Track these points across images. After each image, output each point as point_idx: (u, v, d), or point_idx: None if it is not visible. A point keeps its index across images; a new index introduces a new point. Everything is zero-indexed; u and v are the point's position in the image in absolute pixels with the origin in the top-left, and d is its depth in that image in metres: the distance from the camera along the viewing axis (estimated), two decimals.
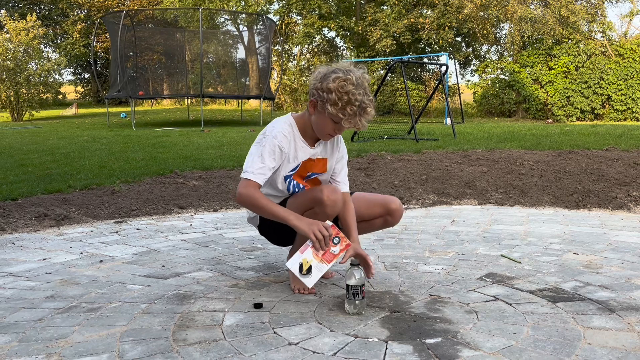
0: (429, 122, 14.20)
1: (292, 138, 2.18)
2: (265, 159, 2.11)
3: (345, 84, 2.01)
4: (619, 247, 2.95)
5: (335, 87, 2.01)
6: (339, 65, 2.10)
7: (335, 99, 2.02)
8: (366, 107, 2.05)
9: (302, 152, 2.21)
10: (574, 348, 1.72)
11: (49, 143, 8.29)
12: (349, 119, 2.05)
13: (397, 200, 2.37)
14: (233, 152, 6.74)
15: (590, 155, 5.59)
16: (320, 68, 2.13)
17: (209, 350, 1.72)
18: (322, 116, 2.10)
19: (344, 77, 2.02)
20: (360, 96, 2.02)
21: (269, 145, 2.12)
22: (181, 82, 17.50)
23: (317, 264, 2.01)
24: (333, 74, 2.05)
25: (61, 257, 2.80)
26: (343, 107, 2.02)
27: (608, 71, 16.38)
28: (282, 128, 2.17)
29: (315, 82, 2.09)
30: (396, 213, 2.35)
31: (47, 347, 1.75)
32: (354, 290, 2.00)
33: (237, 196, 2.10)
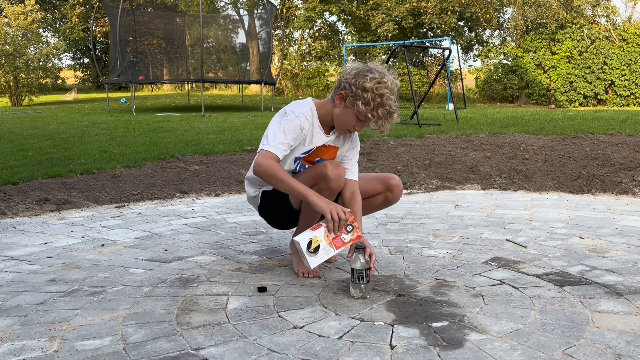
0: (431, 108, 14.12)
1: (311, 122, 2.16)
2: (287, 135, 2.08)
3: (381, 86, 2.03)
4: (624, 232, 2.93)
5: (371, 87, 2.02)
6: (374, 65, 2.10)
7: (369, 99, 2.02)
8: (393, 113, 2.08)
9: (318, 137, 2.19)
10: (583, 332, 1.70)
11: (49, 128, 8.25)
12: (376, 121, 2.06)
13: (396, 176, 2.35)
14: (234, 137, 6.70)
15: (594, 140, 5.55)
16: (354, 64, 2.12)
17: (213, 334, 1.70)
18: (349, 111, 2.09)
19: (380, 78, 2.04)
20: (391, 101, 2.05)
21: (292, 122, 2.10)
22: (181, 67, 17.38)
23: (325, 246, 1.98)
24: (369, 73, 2.05)
25: (62, 241, 2.78)
26: (375, 108, 2.04)
27: (612, 56, 16.25)
28: (304, 110, 2.15)
29: (348, 76, 2.08)
30: (396, 189, 2.32)
31: (49, 330, 1.73)
32: (359, 274, 1.98)
33: (255, 166, 2.03)
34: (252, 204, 2.40)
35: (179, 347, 1.61)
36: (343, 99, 2.10)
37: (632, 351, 1.56)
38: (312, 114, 2.17)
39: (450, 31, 19.15)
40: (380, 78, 2.04)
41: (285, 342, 1.64)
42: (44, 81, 18.01)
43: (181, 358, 1.54)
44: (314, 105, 2.19)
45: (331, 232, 1.98)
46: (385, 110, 2.04)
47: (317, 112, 2.18)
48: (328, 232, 1.98)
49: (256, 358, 1.54)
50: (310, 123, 2.15)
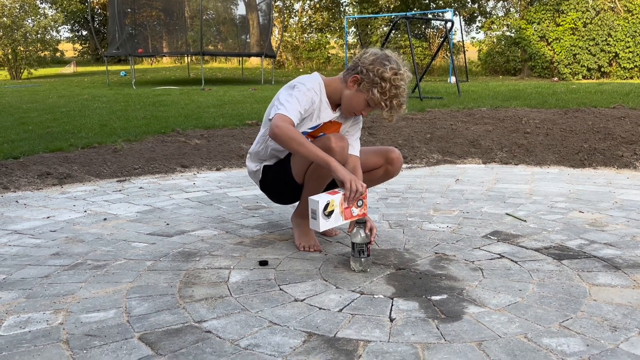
0: (433, 81, 14.00)
1: (320, 97, 2.16)
2: (301, 104, 2.07)
3: (398, 77, 2.06)
4: (624, 206, 2.94)
5: (390, 77, 2.05)
6: (391, 54, 2.12)
7: (386, 88, 2.05)
8: (402, 105, 2.11)
9: (325, 113, 2.19)
10: (580, 304, 1.72)
11: (48, 101, 8.21)
12: (389, 110, 2.10)
13: (396, 149, 2.35)
14: (235, 110, 6.67)
15: (597, 113, 5.52)
16: (372, 49, 2.14)
17: (216, 307, 1.72)
18: (361, 95, 2.11)
19: (397, 70, 2.07)
20: (405, 94, 2.10)
21: (305, 94, 2.09)
22: (181, 39, 17.17)
23: (337, 213, 1.98)
24: (388, 62, 2.07)
25: (65, 215, 2.80)
26: (390, 98, 2.07)
27: (616, 28, 16.03)
28: (314, 84, 2.15)
29: (366, 61, 2.08)
30: (396, 162, 2.33)
31: (54, 303, 1.76)
32: (360, 248, 2.00)
33: (272, 129, 1.97)
34: (253, 178, 2.40)
35: (182, 320, 1.63)
36: (357, 82, 2.10)
37: (629, 324, 1.59)
38: (321, 89, 2.16)
39: (453, 2, 18.86)
40: (398, 69, 2.07)
41: (286, 314, 1.67)
42: (42, 54, 17.86)
43: (184, 330, 1.57)
44: (322, 81, 2.19)
45: (345, 202, 1.98)
46: (399, 101, 2.08)
47: (325, 88, 2.18)
48: (345, 200, 1.99)
49: (258, 330, 1.57)
50: (319, 98, 2.15)
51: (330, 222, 1.98)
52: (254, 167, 2.36)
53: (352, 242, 2.02)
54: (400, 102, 2.09)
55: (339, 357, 1.42)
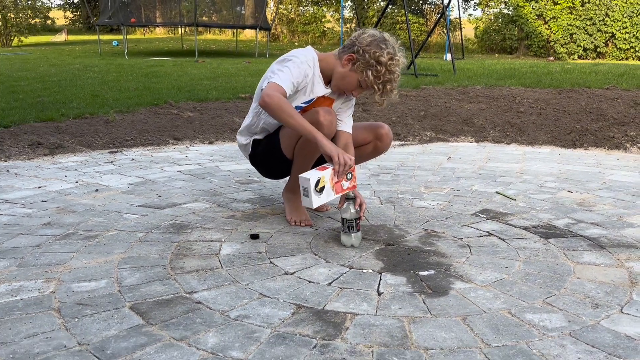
0: (429, 57, 13.91)
1: (313, 71, 2.15)
2: (294, 75, 2.06)
3: (394, 63, 2.07)
4: (613, 186, 2.97)
5: (386, 61, 2.05)
6: (389, 37, 2.12)
7: (381, 72, 2.06)
8: (394, 89, 2.13)
9: (318, 87, 2.18)
10: (563, 282, 1.76)
11: (39, 70, 8.10)
12: (381, 95, 2.10)
13: (385, 125, 2.35)
14: (228, 83, 6.61)
15: (590, 94, 5.53)
16: (370, 30, 2.14)
17: (206, 278, 1.75)
18: (354, 75, 2.11)
19: (394, 54, 2.08)
20: (398, 80, 2.12)
21: (298, 66, 2.08)
22: (174, 9, 16.88)
23: (329, 188, 1.99)
24: (385, 46, 2.07)
25: (56, 186, 2.79)
26: (384, 82, 2.08)
27: (614, 7, 15.93)
28: (307, 58, 2.14)
29: (363, 42, 2.08)
30: (385, 138, 2.33)
31: (46, 272, 1.77)
32: (349, 224, 2.02)
33: (263, 98, 1.96)
34: (243, 152, 2.40)
35: (172, 291, 1.65)
36: (352, 62, 2.10)
37: (610, 301, 1.63)
38: (315, 63, 2.15)
39: None
40: (394, 55, 2.08)
41: (276, 287, 1.70)
42: (33, 21, 17.53)
43: (175, 301, 1.59)
44: (316, 56, 2.17)
45: (335, 176, 1.99)
46: (392, 86, 2.09)
47: (319, 63, 2.16)
48: (334, 174, 2.00)
49: (247, 302, 1.59)
50: (312, 72, 2.14)
51: (322, 198, 1.99)
52: (244, 141, 2.36)
53: (342, 218, 2.04)
54: (393, 87, 2.10)
55: (327, 328, 1.45)
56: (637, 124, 4.47)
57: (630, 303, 1.62)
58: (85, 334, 1.40)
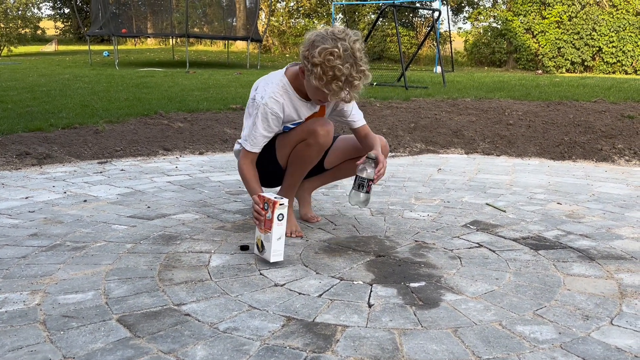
0: (419, 70, 14.02)
1: (287, 99, 2.09)
2: (259, 129, 2.08)
3: (332, 57, 1.87)
4: (601, 198, 2.99)
5: (321, 60, 1.88)
6: (330, 30, 1.94)
7: (320, 73, 1.89)
8: (353, 81, 1.91)
9: (304, 109, 2.14)
10: (554, 294, 1.76)
11: (28, 80, 8.05)
12: (334, 94, 1.94)
13: (383, 138, 2.36)
14: (219, 94, 6.61)
15: (578, 106, 5.59)
16: (310, 33, 1.98)
17: (195, 290, 1.73)
18: (311, 84, 1.98)
19: (331, 48, 1.87)
20: (348, 70, 1.89)
21: (261, 114, 2.06)
22: (166, 20, 16.90)
23: (264, 237, 1.94)
24: (321, 43, 1.90)
25: (44, 196, 2.76)
26: (328, 82, 1.91)
27: (601, 22, 16.18)
28: (273, 91, 2.07)
29: (304, 48, 1.96)
30: (383, 149, 2.33)
31: (31, 283, 1.74)
32: (360, 182, 2.06)
33: (238, 165, 2.18)
34: (238, 158, 2.40)
35: (161, 303, 1.63)
36: (303, 72, 2.01)
37: (600, 313, 1.63)
38: (287, 90, 2.08)
39: None
40: (332, 47, 1.87)
41: (266, 299, 1.68)
42: (23, 31, 17.46)
43: (163, 313, 1.57)
44: (287, 80, 2.10)
45: (258, 223, 1.96)
46: (340, 82, 1.90)
47: (292, 85, 2.09)
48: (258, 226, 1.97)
49: (237, 314, 1.58)
50: (285, 102, 2.08)
51: (267, 248, 1.92)
52: (239, 147, 2.36)
53: (355, 175, 2.07)
54: (343, 82, 1.90)
55: (317, 341, 1.43)
56: (624, 137, 4.52)
57: (620, 315, 1.62)
58: (71, 347, 1.38)
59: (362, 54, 1.94)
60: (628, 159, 4.13)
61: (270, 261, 1.93)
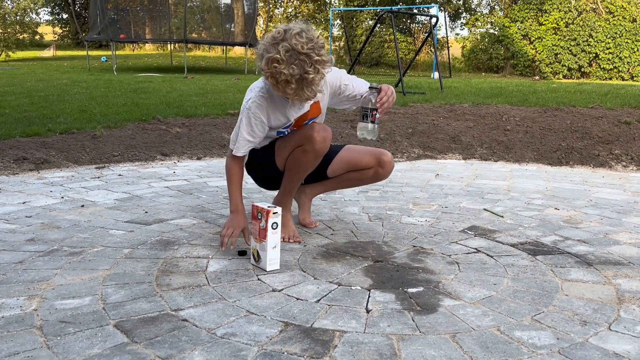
0: (417, 76, 14.06)
1: (270, 102, 2.08)
2: (243, 133, 2.12)
3: (277, 65, 1.84)
4: (598, 204, 3.00)
5: (270, 71, 1.87)
6: (270, 35, 1.90)
7: (274, 82, 1.90)
8: (307, 77, 1.84)
9: (291, 110, 2.14)
10: (552, 299, 1.76)
11: (26, 85, 8.05)
12: (294, 96, 1.93)
13: (388, 153, 2.36)
14: (217, 100, 6.62)
15: (575, 112, 5.61)
16: (260, 42, 1.95)
17: (193, 295, 1.72)
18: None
19: (273, 55, 1.84)
20: (295, 70, 1.83)
21: (245, 118, 2.11)
22: (164, 26, 16.93)
23: (259, 246, 1.94)
24: (266, 52, 1.87)
25: (41, 201, 2.76)
26: (283, 88, 1.90)
27: (597, 29, 16.27)
28: (256, 96, 2.07)
29: (257, 61, 1.95)
30: (387, 165, 2.34)
31: (28, 289, 1.73)
32: (364, 112, 2.06)
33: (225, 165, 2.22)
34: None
35: (158, 308, 1.63)
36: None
37: (598, 318, 1.63)
38: (269, 95, 2.07)
39: None
40: (275, 54, 1.83)
41: (263, 304, 1.67)
42: (21, 36, 17.47)
43: (160, 318, 1.56)
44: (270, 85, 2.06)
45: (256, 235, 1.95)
46: (293, 85, 1.86)
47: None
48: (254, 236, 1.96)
49: (235, 319, 1.57)
50: (268, 105, 2.08)
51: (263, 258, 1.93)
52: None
53: (360, 107, 2.07)
54: (296, 83, 1.85)
55: (315, 347, 1.43)
56: (621, 143, 4.54)
57: (618, 320, 1.62)
58: (68, 352, 1.37)
59: (309, 45, 1.84)
60: (625, 164, 4.14)
61: (267, 270, 1.93)
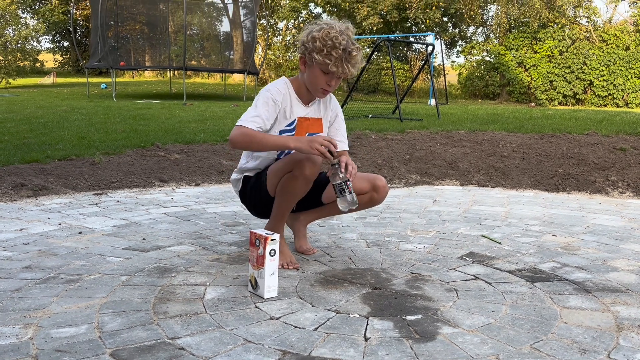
0: (414, 102, 14.20)
1: (286, 93, 2.24)
2: (259, 108, 2.16)
3: (329, 31, 2.10)
4: (596, 230, 3.01)
5: (320, 35, 2.10)
6: (321, 21, 2.19)
7: (320, 46, 2.09)
8: (351, 52, 2.10)
9: (297, 108, 2.27)
10: (550, 327, 1.75)
11: (26, 112, 8.10)
12: (335, 63, 2.10)
13: (383, 178, 2.38)
14: (216, 126, 6.66)
15: (571, 139, 5.66)
16: (307, 27, 2.21)
17: (190, 324, 1.71)
18: (313, 69, 2.16)
19: (328, 27, 2.12)
20: (345, 41, 2.09)
21: (262, 97, 2.18)
22: (164, 53, 17.16)
23: (257, 273, 1.94)
24: (315, 26, 2.16)
25: (39, 228, 2.75)
26: (328, 52, 2.09)
27: (591, 57, 16.52)
28: (277, 84, 2.25)
29: (302, 37, 2.19)
30: (382, 190, 2.35)
31: (24, 317, 1.72)
32: (340, 188, 2.07)
33: (230, 140, 2.11)
34: (235, 188, 2.45)
35: (155, 336, 1.62)
36: (304, 61, 2.19)
37: (597, 346, 1.62)
38: (287, 87, 2.25)
39: (434, 26, 19.24)
40: (328, 26, 2.12)
41: (261, 332, 1.66)
42: (22, 64, 17.66)
43: (157, 347, 1.55)
44: (289, 81, 2.29)
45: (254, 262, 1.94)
46: (340, 50, 2.09)
47: (292, 86, 2.27)
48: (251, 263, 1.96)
49: (232, 348, 1.56)
50: (283, 94, 2.22)
51: (261, 285, 1.92)
52: (236, 176, 2.43)
53: (332, 185, 2.09)
54: (342, 50, 2.09)
55: None
56: (617, 169, 4.57)
57: (617, 348, 1.61)
58: None
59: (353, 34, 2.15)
60: (622, 190, 4.16)
61: (264, 297, 1.92)
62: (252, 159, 2.36)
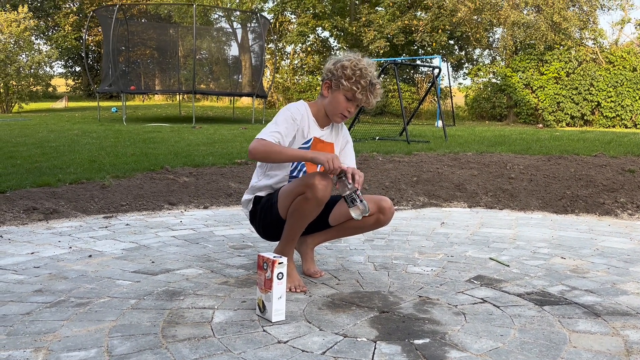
0: (421, 124, 14.26)
1: (305, 114, 2.35)
2: (279, 124, 2.26)
3: (358, 62, 2.29)
4: (605, 253, 2.99)
5: (349, 64, 2.27)
6: (347, 54, 2.36)
7: (350, 73, 2.26)
8: (375, 85, 2.30)
9: (313, 129, 2.37)
10: (560, 351, 1.74)
11: (38, 136, 8.22)
12: (362, 91, 2.27)
13: (388, 200, 2.40)
14: (224, 149, 6.72)
15: (579, 160, 5.65)
16: (331, 58, 2.39)
17: (198, 347, 1.72)
18: (336, 94, 2.30)
19: (356, 59, 2.30)
20: (371, 74, 2.28)
21: (282, 115, 2.30)
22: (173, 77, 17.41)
23: (265, 297, 1.95)
24: (344, 57, 2.33)
25: (50, 251, 2.78)
26: (357, 80, 2.26)
27: (598, 78, 16.55)
28: (296, 105, 2.37)
29: (328, 65, 2.34)
30: (387, 211, 2.37)
31: (35, 341, 1.74)
32: (350, 198, 2.10)
33: (249, 151, 2.19)
34: (245, 209, 2.48)
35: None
36: (329, 86, 2.33)
37: None
38: (306, 109, 2.36)
39: (440, 49, 19.41)
40: (357, 60, 2.30)
41: (269, 356, 1.67)
42: (34, 88, 17.98)
43: None
44: (307, 104, 2.39)
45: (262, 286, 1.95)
46: (367, 80, 2.26)
47: (310, 109, 2.37)
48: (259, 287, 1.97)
49: None
50: (302, 115, 2.32)
51: (269, 309, 1.93)
52: (247, 197, 2.46)
53: (342, 197, 2.13)
54: (369, 81, 2.26)
55: None
56: (626, 191, 4.55)
57: None
58: None
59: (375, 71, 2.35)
60: (631, 212, 4.14)
61: (272, 321, 1.92)
62: (264, 178, 2.40)
